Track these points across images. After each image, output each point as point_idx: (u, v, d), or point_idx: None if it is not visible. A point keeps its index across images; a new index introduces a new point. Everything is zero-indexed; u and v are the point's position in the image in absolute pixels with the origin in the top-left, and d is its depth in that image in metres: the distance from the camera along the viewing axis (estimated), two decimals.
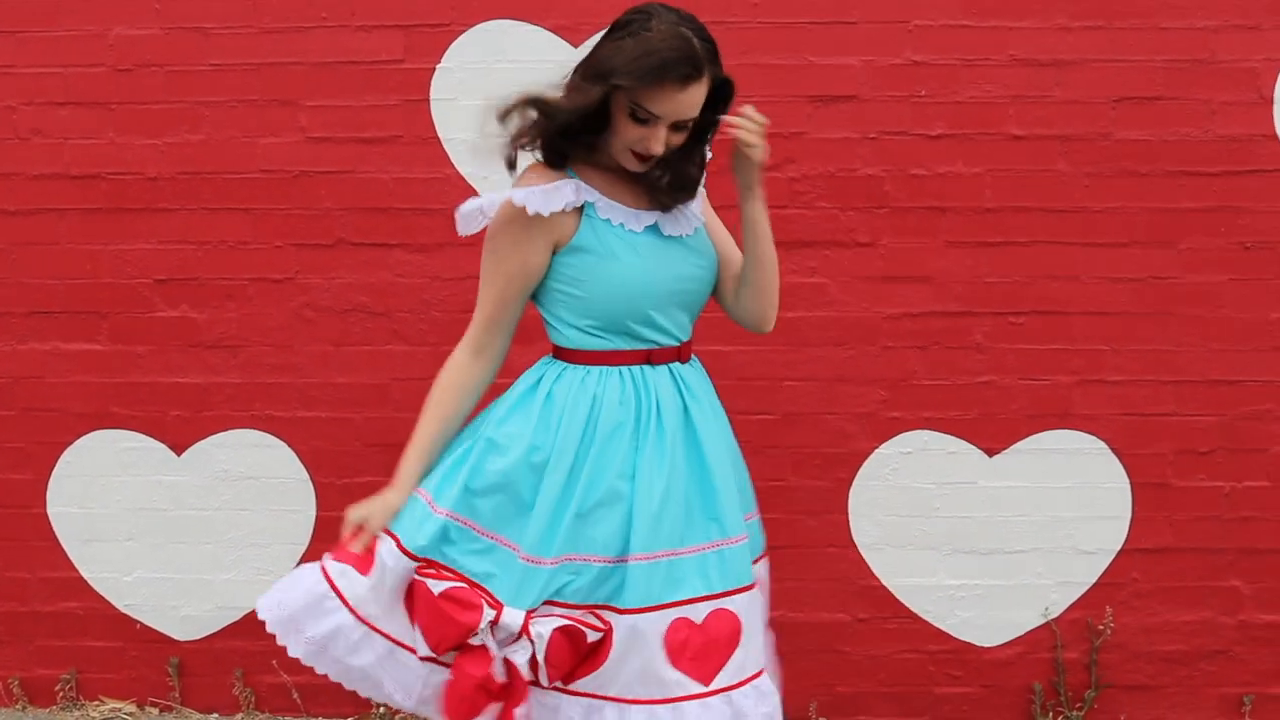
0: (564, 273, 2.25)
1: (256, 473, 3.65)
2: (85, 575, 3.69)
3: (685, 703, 2.15)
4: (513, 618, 2.15)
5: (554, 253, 2.25)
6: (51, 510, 3.68)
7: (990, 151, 3.48)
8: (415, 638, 2.20)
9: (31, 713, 3.68)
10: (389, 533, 2.25)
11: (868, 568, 3.57)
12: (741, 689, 2.19)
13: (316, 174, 3.57)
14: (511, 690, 2.17)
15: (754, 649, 2.25)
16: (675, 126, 2.17)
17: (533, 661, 2.14)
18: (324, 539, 3.55)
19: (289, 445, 3.64)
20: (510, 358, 2.37)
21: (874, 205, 3.51)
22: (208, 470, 3.65)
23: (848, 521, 3.57)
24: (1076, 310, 3.50)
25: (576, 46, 3.45)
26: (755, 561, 2.38)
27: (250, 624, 3.58)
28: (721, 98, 2.27)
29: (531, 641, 2.14)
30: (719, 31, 3.32)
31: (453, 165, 3.53)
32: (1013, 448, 3.54)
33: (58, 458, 3.66)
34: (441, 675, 2.21)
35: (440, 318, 3.57)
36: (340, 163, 3.56)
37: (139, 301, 3.62)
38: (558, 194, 2.18)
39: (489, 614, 2.15)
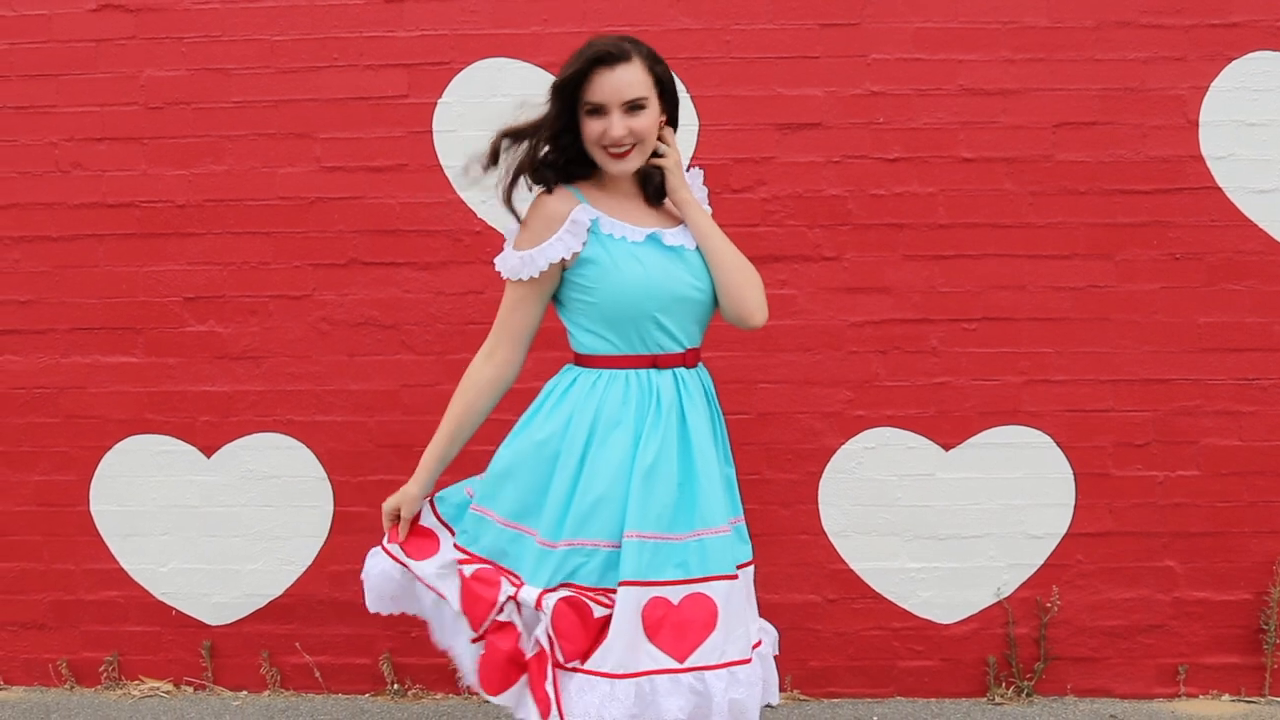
0: (576, 283, 2.37)
1: (279, 472, 3.80)
2: (125, 566, 3.84)
3: (658, 676, 2.22)
4: (529, 594, 2.28)
5: (565, 268, 2.38)
6: (94, 508, 3.83)
7: (943, 173, 3.64)
8: (465, 623, 2.39)
9: (78, 692, 3.84)
10: (447, 526, 2.48)
11: (836, 553, 3.73)
12: (716, 671, 2.24)
13: (330, 200, 3.72)
14: (540, 663, 2.26)
15: (736, 637, 2.29)
16: (630, 110, 2.32)
17: (549, 636, 2.24)
18: (341, 532, 3.77)
19: (308, 447, 3.79)
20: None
21: (838, 222, 3.66)
22: (235, 470, 3.81)
23: (817, 511, 3.72)
24: (1023, 316, 3.66)
25: None
26: (743, 566, 2.44)
27: (276, 609, 3.82)
28: (670, 99, 2.44)
29: (544, 614, 2.25)
30: (694, 67, 3.64)
31: (454, 191, 3.69)
32: (966, 442, 3.70)
33: (99, 460, 3.81)
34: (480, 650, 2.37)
35: (445, 329, 3.73)
36: (352, 189, 3.72)
37: (170, 318, 3.77)
38: (575, 234, 2.33)
39: (508, 589, 2.31)
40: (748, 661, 2.30)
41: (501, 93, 3.68)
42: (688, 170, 2.57)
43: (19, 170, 3.78)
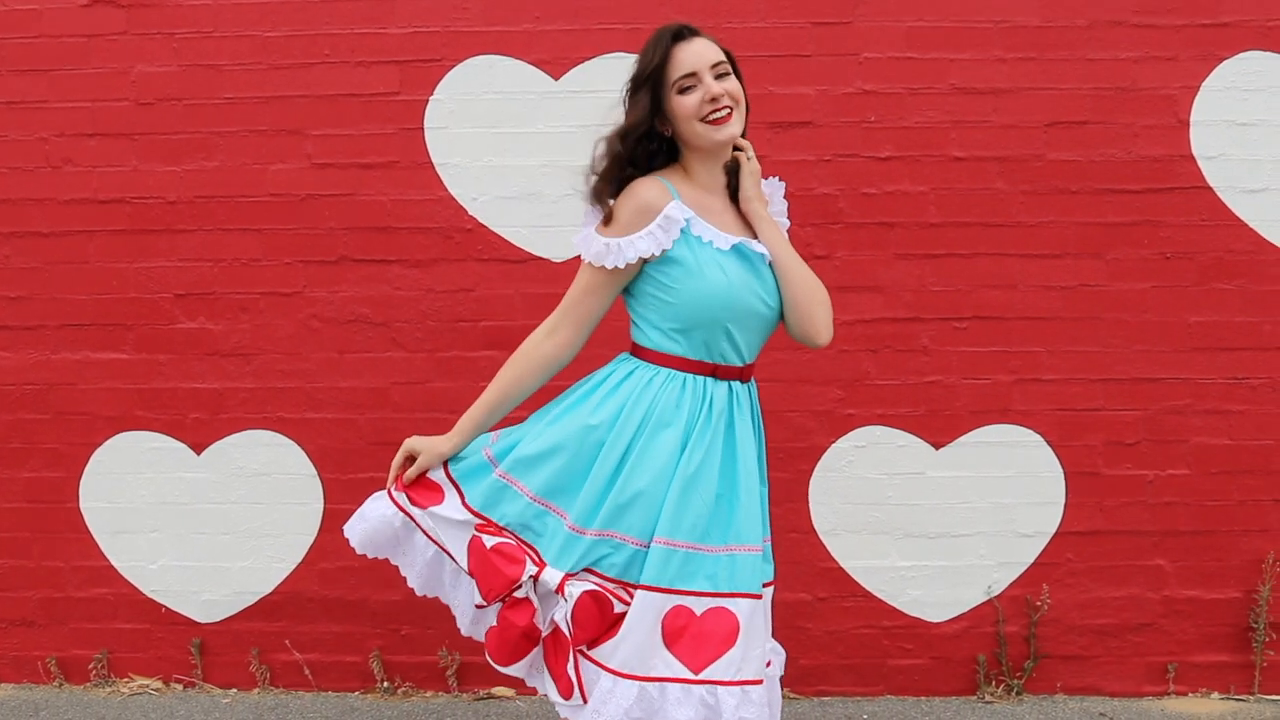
0: (658, 279, 2.32)
1: (269, 469, 3.79)
2: (115, 564, 3.83)
3: (670, 684, 2.20)
4: (552, 576, 2.27)
5: (649, 260, 2.32)
6: (83, 505, 3.82)
7: (934, 172, 3.65)
8: (471, 587, 2.36)
9: (67, 689, 3.83)
10: (456, 486, 2.41)
11: (826, 551, 3.73)
12: (729, 687, 2.21)
13: (321, 197, 3.72)
14: (558, 644, 2.28)
15: (753, 657, 2.27)
16: (719, 75, 2.32)
17: (567, 623, 2.25)
18: (331, 530, 3.76)
19: (298, 444, 3.79)
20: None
21: (829, 221, 3.67)
22: (225, 467, 3.80)
23: (808, 509, 3.73)
24: (1014, 316, 3.66)
25: (557, 79, 3.63)
26: (766, 585, 2.43)
27: (265, 607, 3.82)
28: (740, 77, 2.42)
29: (565, 600, 2.25)
30: None
31: (445, 188, 3.70)
32: (957, 441, 3.71)
33: (89, 457, 3.80)
34: (490, 619, 2.37)
35: (435, 327, 3.72)
36: (342, 186, 3.71)
37: (161, 314, 3.76)
38: (668, 229, 2.28)
39: (531, 569, 2.28)
40: (760, 682, 2.27)
41: (493, 90, 3.68)
42: (768, 179, 2.56)
43: (9, 166, 3.77)
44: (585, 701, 2.27)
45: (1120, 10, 3.61)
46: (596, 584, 2.27)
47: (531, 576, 2.29)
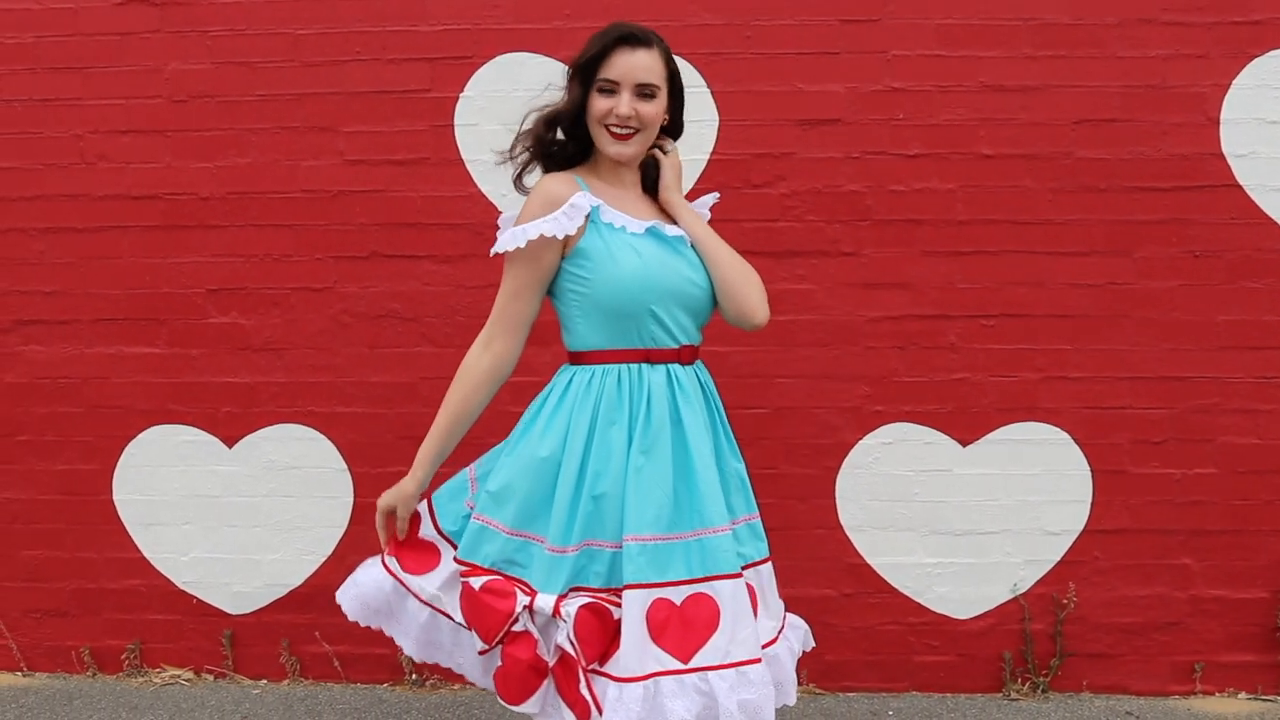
0: (574, 274, 2.32)
1: (300, 463, 3.83)
2: (147, 555, 3.88)
3: (664, 678, 2.18)
4: (545, 602, 2.23)
5: (563, 256, 2.33)
6: (117, 497, 3.87)
7: (962, 169, 3.65)
8: (472, 640, 2.34)
9: (100, 679, 3.88)
10: (449, 540, 2.42)
11: (853, 547, 3.74)
12: (720, 671, 2.19)
13: (352, 193, 3.75)
14: (567, 669, 2.23)
15: (743, 638, 2.24)
16: (641, 94, 2.31)
17: (571, 642, 2.20)
18: (361, 522, 3.79)
19: (329, 438, 3.81)
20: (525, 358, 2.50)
21: (857, 218, 3.68)
22: (256, 461, 3.84)
23: (834, 505, 3.73)
24: (1041, 313, 3.66)
25: None
26: (758, 564, 2.41)
27: (295, 599, 3.85)
28: (677, 103, 2.43)
29: (564, 620, 2.21)
30: (715, 62, 3.67)
31: (475, 184, 3.72)
32: (984, 438, 3.71)
33: (122, 450, 3.85)
34: (496, 662, 2.32)
35: (464, 322, 3.75)
36: (374, 183, 3.74)
37: (193, 309, 3.80)
38: (572, 216, 2.27)
39: (523, 600, 2.25)
40: (757, 661, 2.24)
41: (523, 87, 3.69)
42: (708, 194, 2.60)
43: (45, 163, 3.81)
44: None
45: (1150, 8, 3.60)
46: (590, 597, 2.25)
47: (526, 607, 2.26)
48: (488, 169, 3.73)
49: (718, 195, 2.62)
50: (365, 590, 2.52)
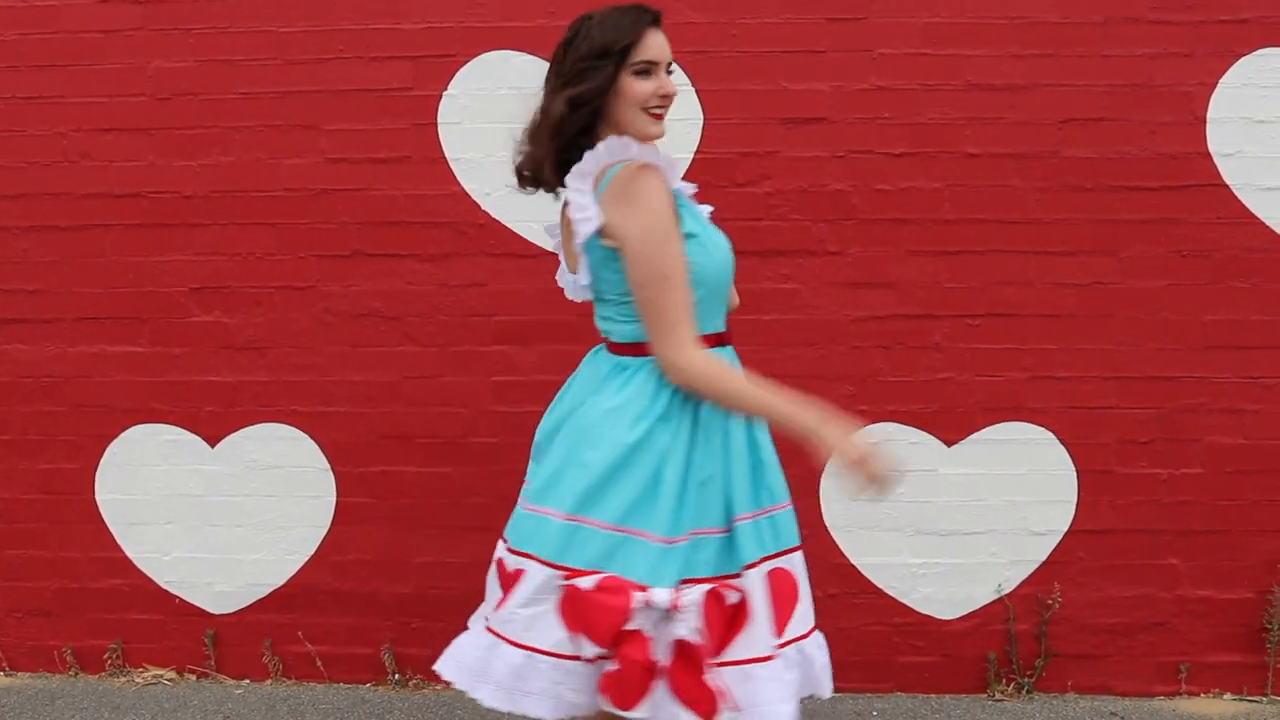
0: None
1: (282, 462, 3.82)
2: (129, 555, 3.87)
3: (781, 653, 2.22)
4: (661, 596, 2.14)
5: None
6: (99, 496, 3.86)
7: (948, 168, 3.64)
8: (579, 643, 2.17)
9: (82, 679, 3.87)
10: (526, 554, 2.23)
11: (838, 548, 3.73)
12: (808, 639, 2.31)
13: (335, 191, 3.73)
14: (688, 663, 2.15)
15: (807, 605, 2.34)
16: (669, 72, 2.28)
17: (699, 632, 2.15)
18: (343, 523, 3.79)
19: (311, 437, 3.80)
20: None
21: (842, 217, 3.66)
22: (238, 460, 3.83)
23: (819, 505, 3.72)
24: (1027, 313, 3.65)
25: None
26: (792, 551, 2.39)
27: (278, 599, 3.85)
28: None
29: (685, 613, 2.15)
30: (700, 60, 3.66)
31: (459, 183, 3.70)
32: (969, 438, 3.70)
33: (104, 449, 3.83)
34: (607, 667, 2.18)
35: (448, 321, 3.73)
36: (356, 181, 3.72)
37: (176, 308, 3.79)
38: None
39: (639, 596, 2.14)
40: (815, 628, 2.41)
41: (507, 85, 3.68)
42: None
43: (27, 160, 3.79)
44: (739, 709, 2.18)
45: (1137, 7, 3.58)
46: (709, 585, 2.21)
47: (643, 603, 2.15)
48: (471, 167, 3.71)
49: (696, 187, 2.59)
50: (461, 651, 2.39)
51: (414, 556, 3.82)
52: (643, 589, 2.15)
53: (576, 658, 2.19)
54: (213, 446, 3.84)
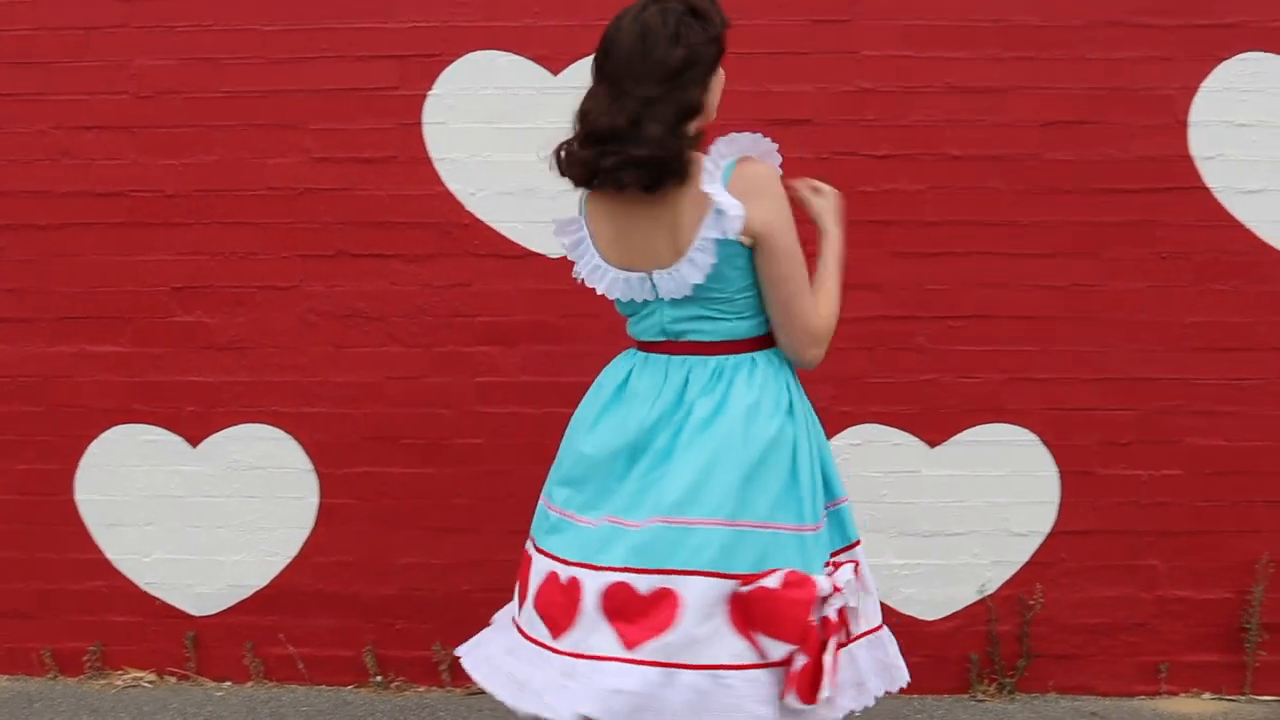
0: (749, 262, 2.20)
1: (264, 463, 3.80)
2: (109, 556, 3.84)
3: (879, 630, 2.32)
4: (825, 583, 2.11)
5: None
6: (78, 497, 3.83)
7: (931, 170, 3.65)
8: (764, 647, 2.09)
9: (61, 681, 3.84)
10: (673, 571, 2.09)
11: None
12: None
13: (319, 191, 3.71)
14: (826, 634, 2.11)
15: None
16: None
17: (848, 610, 2.15)
18: (326, 524, 3.78)
19: (294, 438, 3.78)
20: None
21: None
22: (220, 461, 3.80)
23: None
24: (1009, 315, 3.66)
25: (556, 75, 3.64)
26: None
27: (260, 600, 3.82)
28: None
29: (843, 593, 2.12)
30: None
31: (443, 183, 3.69)
32: (952, 439, 3.71)
33: (84, 449, 3.80)
34: (796, 664, 2.09)
35: (432, 322, 3.72)
36: (340, 181, 3.71)
37: (158, 307, 3.76)
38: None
39: (822, 583, 2.10)
40: None
41: (492, 85, 3.68)
42: None
43: (7, 158, 3.76)
44: (872, 677, 2.23)
45: (1118, 10, 3.60)
46: (845, 559, 2.24)
47: (821, 592, 2.11)
48: (456, 168, 3.71)
49: None
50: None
51: (397, 558, 3.81)
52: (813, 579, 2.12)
53: (762, 664, 2.09)
54: (194, 447, 3.82)
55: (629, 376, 2.31)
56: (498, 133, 3.69)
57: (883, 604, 3.59)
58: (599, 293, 2.32)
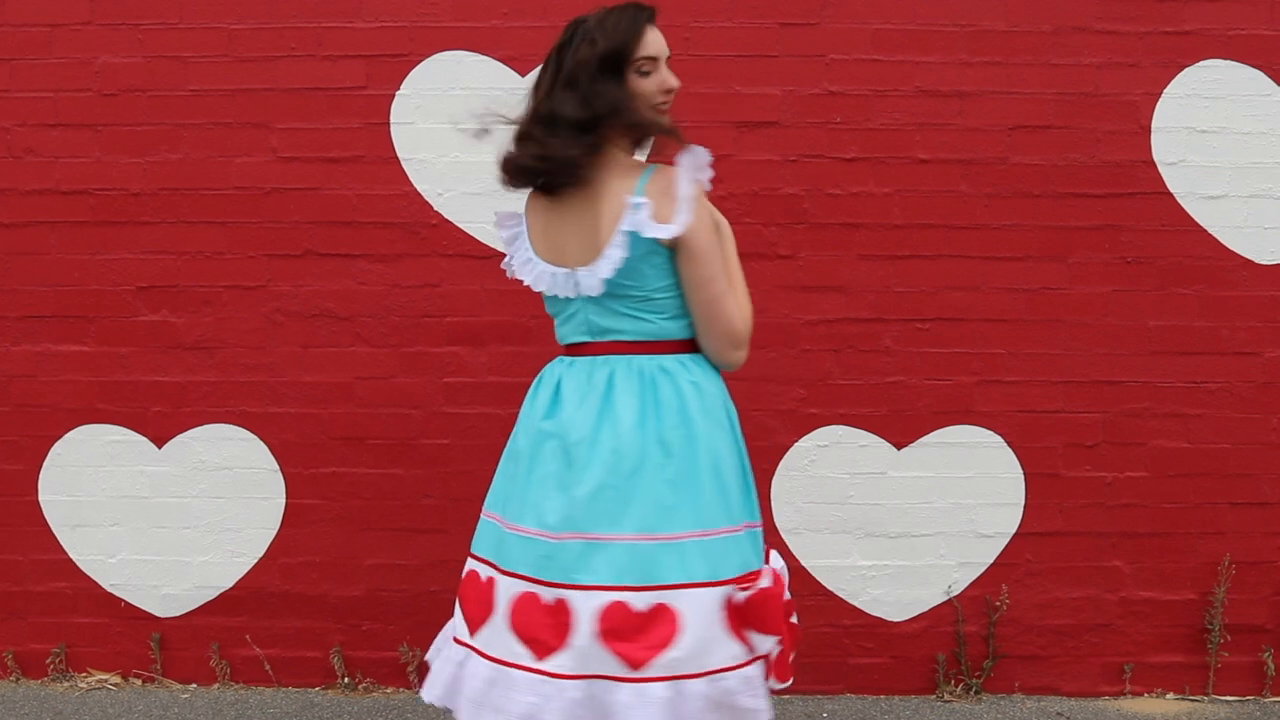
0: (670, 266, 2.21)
1: (231, 463, 3.78)
2: (73, 557, 3.81)
3: None
4: (782, 568, 2.31)
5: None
6: (43, 498, 3.80)
7: (899, 174, 3.67)
8: (754, 643, 2.15)
9: (24, 684, 3.80)
10: (668, 585, 2.11)
11: (788, 550, 3.73)
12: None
13: (286, 190, 3.70)
14: (789, 614, 2.30)
15: None
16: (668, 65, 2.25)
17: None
18: (293, 525, 3.76)
19: (261, 438, 3.77)
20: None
21: (794, 221, 3.68)
22: (186, 461, 3.78)
23: (770, 508, 3.73)
24: (976, 317, 3.69)
25: (524, 75, 3.63)
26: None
27: (226, 601, 3.80)
28: None
29: (781, 577, 2.26)
30: None
31: (411, 183, 3.69)
32: (919, 441, 3.73)
33: (48, 450, 3.78)
34: (774, 653, 2.21)
35: (399, 322, 3.72)
36: (308, 180, 3.70)
37: (123, 307, 3.74)
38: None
39: (782, 569, 2.29)
40: None
41: (460, 86, 3.67)
42: None
43: None
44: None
45: (1084, 16, 3.64)
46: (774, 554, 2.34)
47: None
48: (424, 168, 3.70)
49: None
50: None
51: (364, 558, 3.80)
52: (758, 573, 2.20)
53: (751, 660, 2.15)
54: (160, 447, 3.79)
55: (559, 383, 2.29)
56: (466, 133, 3.68)
57: (850, 605, 3.73)
58: (525, 284, 2.35)
